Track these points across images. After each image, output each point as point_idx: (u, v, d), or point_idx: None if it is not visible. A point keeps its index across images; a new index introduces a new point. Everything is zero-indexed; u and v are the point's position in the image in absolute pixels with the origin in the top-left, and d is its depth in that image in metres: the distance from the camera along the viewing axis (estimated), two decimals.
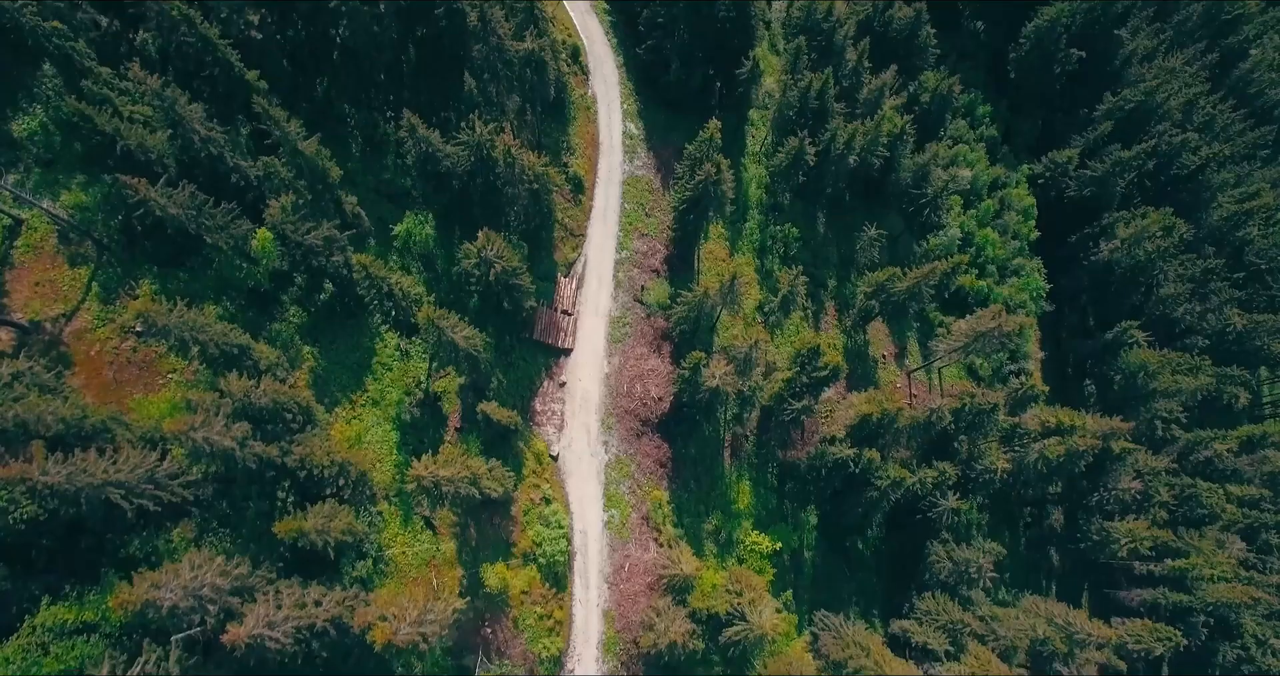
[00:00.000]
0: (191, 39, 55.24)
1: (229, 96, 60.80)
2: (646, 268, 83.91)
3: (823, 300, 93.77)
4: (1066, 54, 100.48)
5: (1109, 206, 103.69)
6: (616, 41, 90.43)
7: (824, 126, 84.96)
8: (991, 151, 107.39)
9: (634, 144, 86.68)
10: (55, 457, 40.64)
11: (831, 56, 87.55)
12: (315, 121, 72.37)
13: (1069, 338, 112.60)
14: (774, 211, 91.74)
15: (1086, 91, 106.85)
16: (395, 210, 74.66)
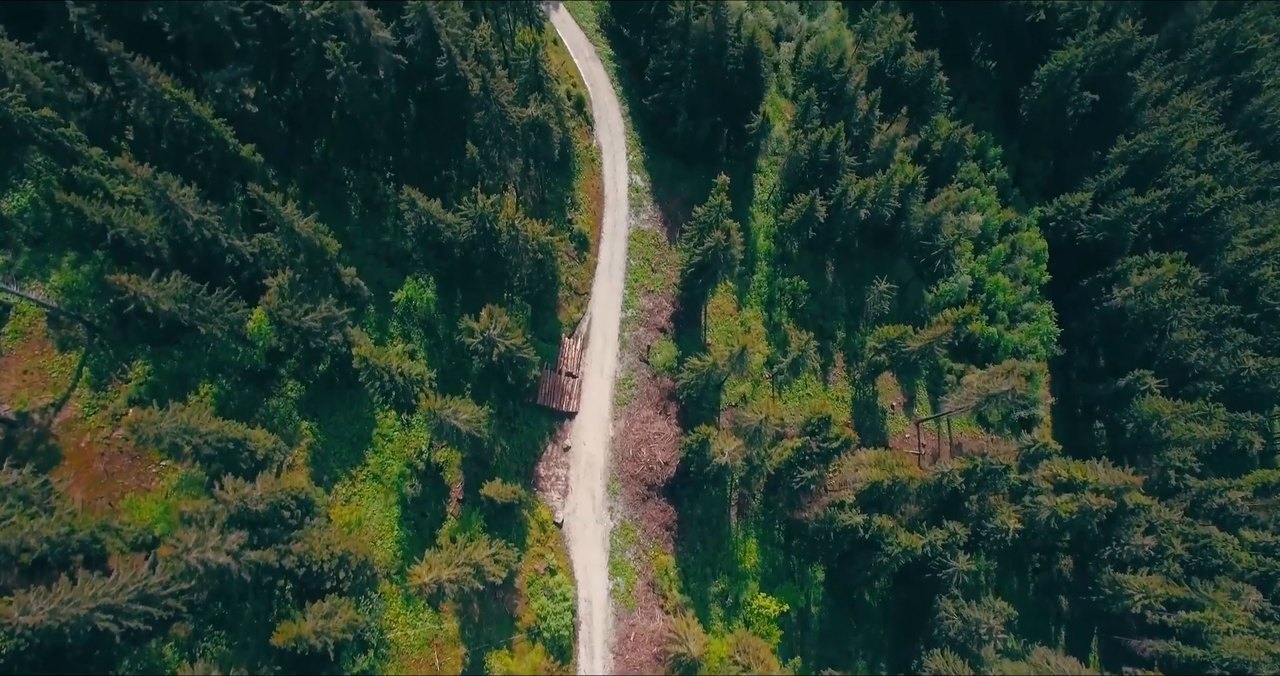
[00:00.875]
0: (185, 119, 53.27)
1: (224, 170, 58.97)
2: (652, 325, 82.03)
3: (831, 352, 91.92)
4: (1080, 97, 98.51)
5: (1122, 250, 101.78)
6: (622, 89, 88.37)
7: (835, 180, 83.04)
8: (1002, 194, 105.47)
9: (640, 197, 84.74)
10: (37, 591, 38.74)
11: (843, 107, 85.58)
12: (312, 184, 71.09)
13: (1079, 380, 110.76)
14: (782, 262, 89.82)
15: (1099, 132, 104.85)
16: (395, 273, 72.82)
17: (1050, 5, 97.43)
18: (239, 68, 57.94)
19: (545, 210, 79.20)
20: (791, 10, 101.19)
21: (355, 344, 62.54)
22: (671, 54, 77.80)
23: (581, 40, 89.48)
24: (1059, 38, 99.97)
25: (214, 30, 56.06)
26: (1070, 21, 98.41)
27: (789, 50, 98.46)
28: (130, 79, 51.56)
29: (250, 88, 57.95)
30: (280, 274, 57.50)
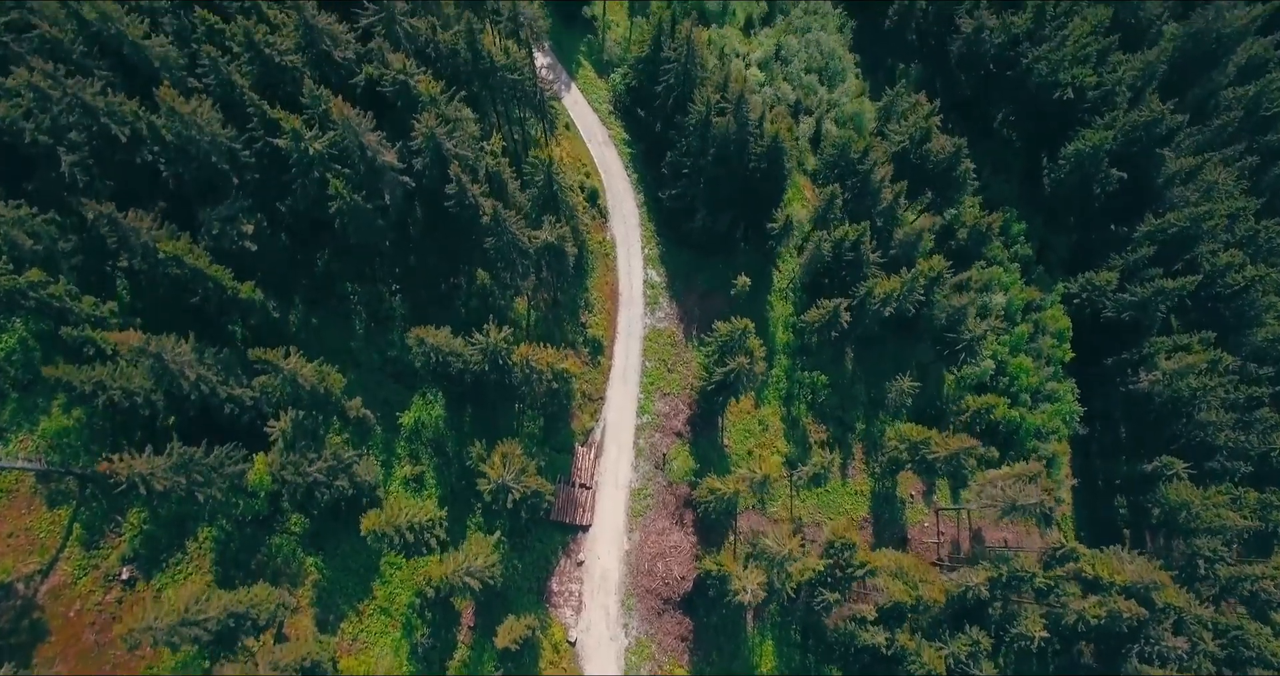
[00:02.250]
0: (180, 271, 50.07)
1: (222, 310, 55.72)
2: (669, 430, 78.96)
3: (850, 444, 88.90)
4: (1107, 174, 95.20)
5: (1149, 330, 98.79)
6: (636, 177, 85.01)
7: (858, 274, 79.91)
8: (1025, 270, 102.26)
9: (656, 293, 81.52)
10: None
11: (866, 198, 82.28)
12: (315, 299, 68.13)
13: (1101, 458, 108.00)
14: (801, 354, 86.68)
15: (1126, 207, 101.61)
16: (402, 390, 69.70)
17: (1078, 83, 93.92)
18: (237, 202, 54.65)
19: (558, 313, 76.03)
20: (811, 82, 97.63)
21: (362, 478, 59.81)
22: (690, 151, 74.49)
23: (594, 123, 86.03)
24: (1086, 114, 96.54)
25: (211, 168, 52.74)
26: (1098, 99, 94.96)
27: (809, 125, 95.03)
28: (122, 235, 48.34)
29: (249, 223, 54.59)
30: (283, 417, 54.58)
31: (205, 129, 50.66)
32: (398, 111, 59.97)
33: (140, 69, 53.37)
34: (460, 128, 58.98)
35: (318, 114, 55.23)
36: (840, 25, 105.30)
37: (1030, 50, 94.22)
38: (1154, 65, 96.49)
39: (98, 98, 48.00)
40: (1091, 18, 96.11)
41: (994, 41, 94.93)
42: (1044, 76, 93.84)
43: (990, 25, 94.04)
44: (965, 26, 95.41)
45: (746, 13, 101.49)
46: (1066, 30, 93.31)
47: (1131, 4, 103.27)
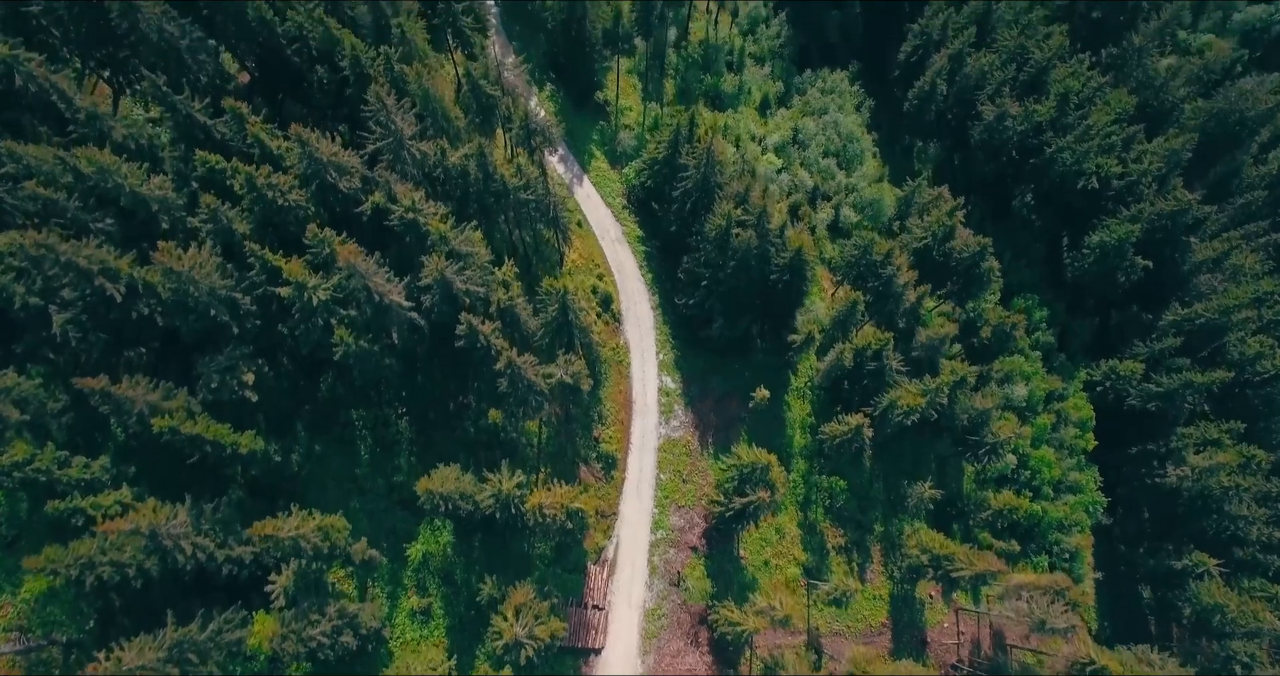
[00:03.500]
0: (177, 438, 47.30)
1: (220, 463, 52.87)
2: (683, 545, 75.91)
3: (868, 546, 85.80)
4: (1132, 263, 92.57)
5: (1175, 421, 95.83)
6: (651, 277, 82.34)
7: (881, 384, 77.16)
8: (1047, 357, 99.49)
9: (670, 401, 78.67)
10: None
11: (888, 300, 79.61)
12: (319, 426, 65.30)
13: (1125, 544, 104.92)
14: (819, 457, 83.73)
15: (1150, 291, 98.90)
16: (409, 518, 66.71)
17: (1103, 173, 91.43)
18: (237, 349, 51.86)
19: (571, 427, 73.16)
20: (829, 166, 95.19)
21: (367, 625, 56.85)
22: (708, 261, 71.75)
23: (607, 219, 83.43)
24: (1110, 203, 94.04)
25: (209, 320, 50.04)
26: (1123, 189, 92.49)
27: (827, 213, 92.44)
28: (115, 404, 45.50)
29: (249, 371, 51.78)
30: (285, 570, 51.78)
31: (203, 283, 47.97)
32: (406, 245, 57.31)
33: (138, 212, 50.77)
34: (471, 263, 56.27)
35: (322, 257, 52.57)
36: (858, 104, 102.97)
37: (1054, 139, 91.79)
38: (1178, 152, 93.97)
39: (92, 262, 45.26)
40: (1115, 104, 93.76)
41: (1016, 129, 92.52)
42: (1068, 165, 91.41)
43: (1013, 113, 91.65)
44: (987, 113, 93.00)
45: (763, 92, 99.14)
46: (1090, 120, 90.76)
47: (1154, 87, 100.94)
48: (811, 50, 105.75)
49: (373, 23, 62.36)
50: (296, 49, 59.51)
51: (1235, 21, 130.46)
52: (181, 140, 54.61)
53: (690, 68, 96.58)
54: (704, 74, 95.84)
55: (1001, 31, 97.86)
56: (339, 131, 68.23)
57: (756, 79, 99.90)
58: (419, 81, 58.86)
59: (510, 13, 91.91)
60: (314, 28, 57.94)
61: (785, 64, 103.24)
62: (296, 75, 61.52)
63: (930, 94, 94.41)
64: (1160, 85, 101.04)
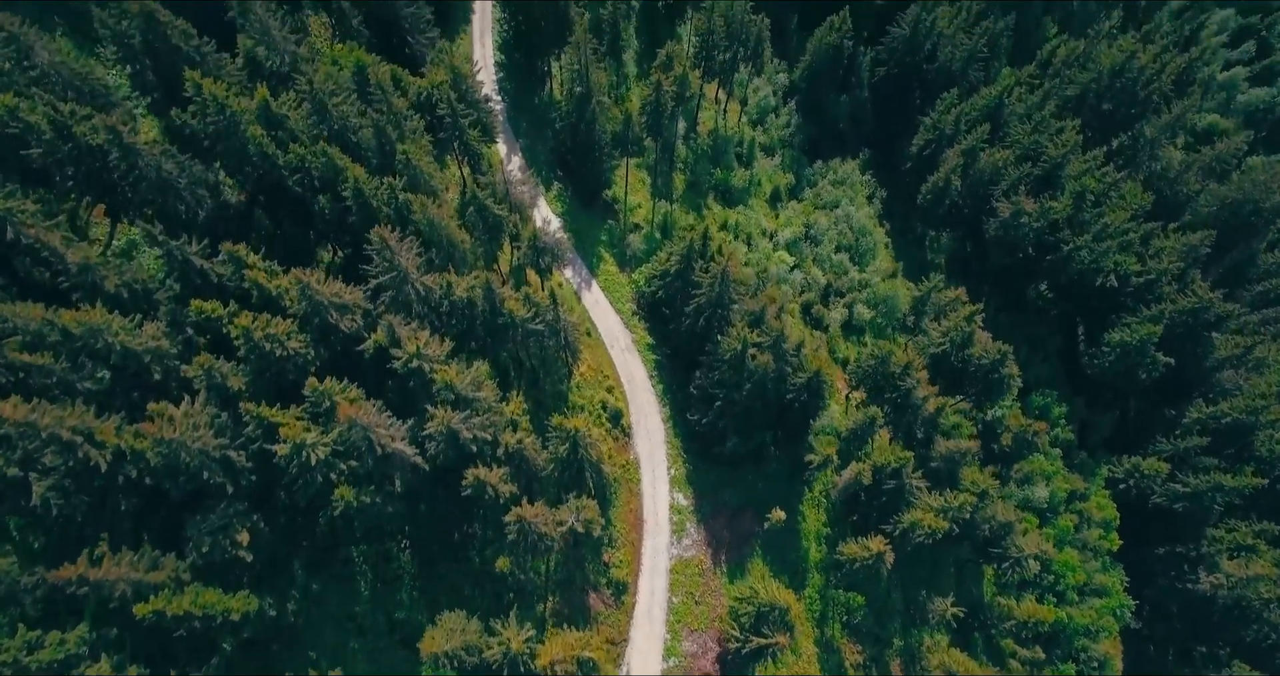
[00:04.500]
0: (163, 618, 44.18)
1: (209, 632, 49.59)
2: (697, 671, 72.15)
3: (887, 661, 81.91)
4: (1153, 360, 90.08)
5: (1205, 521, 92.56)
6: (662, 388, 79.67)
7: (901, 501, 74.20)
8: (1067, 454, 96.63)
9: (682, 518, 75.49)
10: None
11: (907, 410, 77.00)
12: (317, 563, 61.92)
13: (1155, 646, 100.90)
14: (835, 570, 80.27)
15: (1172, 386, 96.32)
16: (410, 657, 62.88)
17: (1122, 271, 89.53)
18: (231, 507, 48.99)
19: (580, 553, 69.86)
20: (842, 262, 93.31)
21: None
22: (722, 381, 69.18)
23: (616, 326, 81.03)
24: (1129, 299, 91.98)
25: (201, 482, 47.27)
26: (1142, 286, 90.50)
27: (841, 313, 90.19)
28: (95, 588, 42.51)
29: (243, 531, 48.82)
30: None
31: (195, 446, 45.31)
32: (409, 387, 54.78)
33: (129, 365, 48.29)
34: (477, 407, 53.69)
35: (323, 409, 50.01)
36: (870, 195, 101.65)
37: (1071, 237, 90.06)
38: (1196, 248, 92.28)
39: (76, 432, 42.64)
40: (1131, 200, 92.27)
41: (1032, 226, 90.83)
42: (1085, 263, 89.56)
43: (1028, 210, 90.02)
44: (1003, 211, 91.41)
45: (773, 184, 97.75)
46: (1107, 218, 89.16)
47: (1169, 179, 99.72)
48: (822, 140, 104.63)
49: (376, 146, 60.64)
50: (298, 179, 57.60)
51: (1239, 103, 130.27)
52: (178, 280, 52.39)
53: (700, 159, 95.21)
54: (714, 167, 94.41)
55: (1013, 126, 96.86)
56: (341, 251, 66.38)
57: (767, 170, 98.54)
58: (424, 211, 56.90)
59: (517, 107, 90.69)
60: (315, 159, 56.12)
61: (795, 153, 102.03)
62: (298, 202, 59.54)
63: (944, 190, 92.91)
64: (1175, 178, 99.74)
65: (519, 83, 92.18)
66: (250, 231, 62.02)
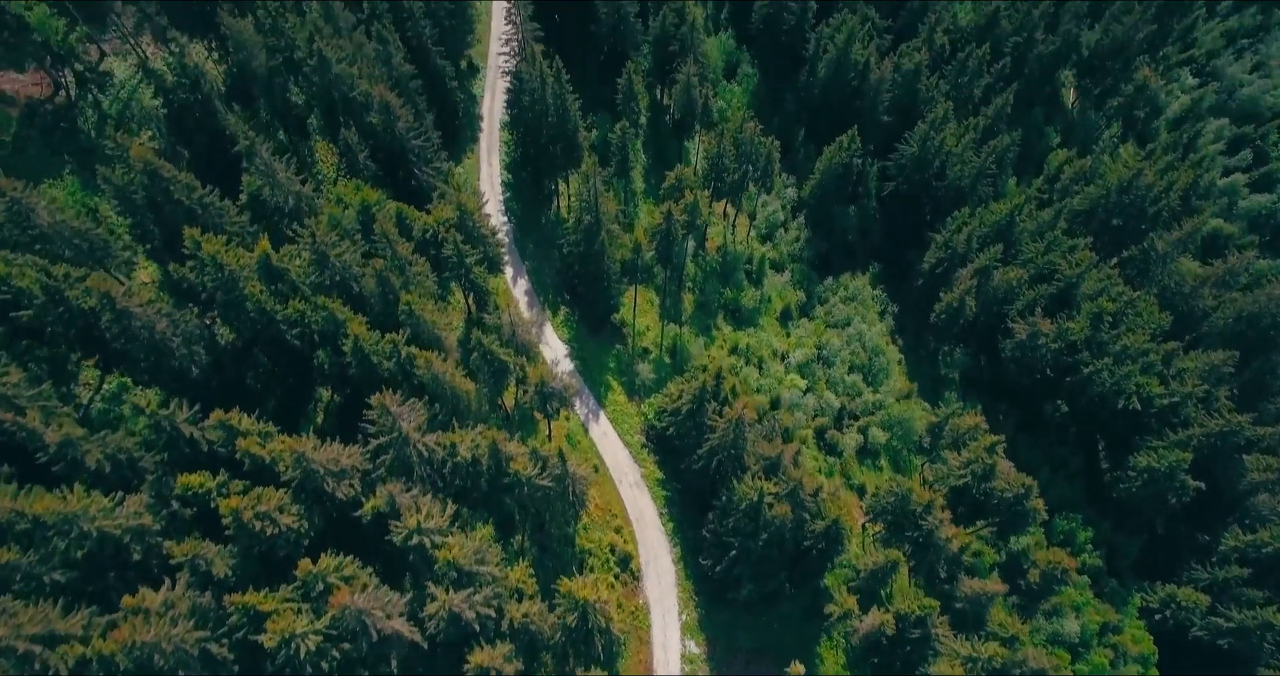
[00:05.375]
0: None
1: None
2: None
3: None
4: (1183, 484, 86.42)
5: (1256, 659, 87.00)
6: (672, 526, 75.93)
7: (926, 650, 69.49)
8: (1095, 580, 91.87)
9: (694, 668, 70.57)
10: None
11: (929, 549, 73.00)
12: None
13: None
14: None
15: (1203, 509, 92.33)
16: None
17: (1144, 393, 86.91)
18: None
19: None
20: (855, 383, 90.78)
21: None
22: (739, 529, 65.50)
23: (625, 460, 77.80)
24: (1154, 421, 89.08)
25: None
26: (1166, 409, 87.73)
27: (855, 438, 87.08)
28: None
29: None
30: None
31: (171, 646, 41.41)
32: (409, 559, 51.15)
33: (105, 547, 44.84)
34: (480, 582, 49.99)
35: (316, 591, 46.32)
36: (881, 311, 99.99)
37: (1090, 359, 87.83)
38: (1219, 369, 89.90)
39: (35, 641, 38.90)
40: (1149, 320, 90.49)
41: (1050, 347, 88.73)
42: (1106, 385, 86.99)
43: (1045, 331, 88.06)
44: (1019, 332, 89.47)
45: (784, 302, 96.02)
46: (1126, 340, 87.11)
47: (1183, 293, 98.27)
48: (831, 253, 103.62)
49: (379, 295, 58.66)
50: (298, 333, 55.36)
51: (1241, 208, 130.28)
52: (165, 447, 49.44)
53: (709, 277, 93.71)
54: (723, 287, 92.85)
55: (1025, 244, 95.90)
56: (339, 395, 63.77)
57: (776, 287, 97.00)
58: (428, 367, 54.42)
59: (523, 227, 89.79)
60: (315, 314, 54.00)
61: (805, 268, 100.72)
62: (296, 354, 57.18)
63: (959, 310, 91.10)
64: (1190, 292, 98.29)
65: (526, 202, 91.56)
66: (245, 382, 59.55)
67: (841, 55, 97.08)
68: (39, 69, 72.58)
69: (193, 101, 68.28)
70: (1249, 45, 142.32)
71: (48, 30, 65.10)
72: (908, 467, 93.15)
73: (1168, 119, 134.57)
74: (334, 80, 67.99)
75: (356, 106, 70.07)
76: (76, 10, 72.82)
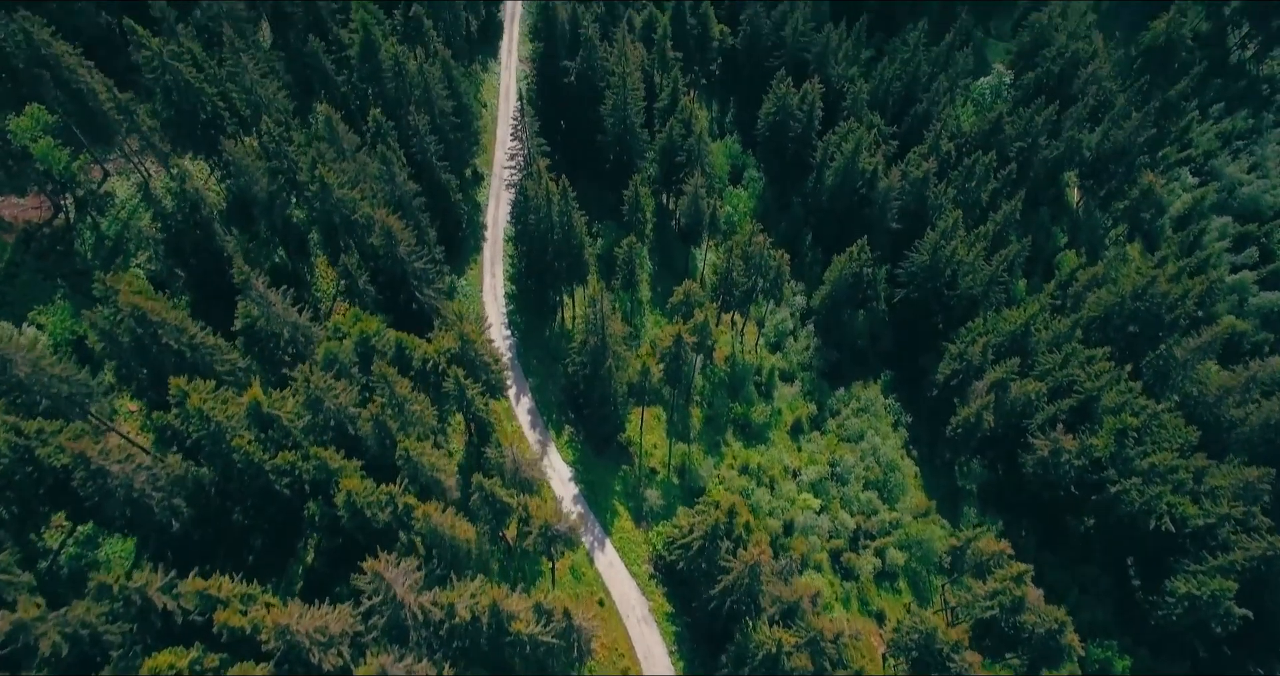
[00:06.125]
0: None
1: None
2: None
3: None
4: (1228, 611, 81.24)
5: None
6: (683, 666, 70.67)
7: None
8: None
9: None
10: None
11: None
12: None
13: None
14: None
15: (1251, 636, 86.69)
16: None
17: (1177, 514, 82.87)
18: None
19: None
20: (870, 500, 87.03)
21: None
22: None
23: (632, 592, 73.11)
24: (1188, 541, 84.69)
25: None
26: (1202, 530, 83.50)
27: (872, 562, 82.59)
28: None
29: None
30: None
31: None
32: None
33: None
34: None
35: None
36: (895, 422, 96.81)
37: (1117, 477, 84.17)
38: (1254, 486, 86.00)
39: None
40: (1176, 436, 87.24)
41: (1073, 464, 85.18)
42: (1135, 505, 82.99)
43: (1068, 448, 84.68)
44: (1040, 448, 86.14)
45: (795, 414, 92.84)
46: (1153, 458, 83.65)
47: (1207, 403, 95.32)
48: (842, 360, 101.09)
49: (376, 438, 55.58)
50: (289, 483, 51.99)
51: (1251, 304, 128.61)
52: (134, 618, 45.35)
53: (718, 390, 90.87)
54: (732, 401, 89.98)
55: (1041, 355, 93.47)
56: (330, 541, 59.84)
57: (787, 398, 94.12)
58: (425, 520, 50.85)
59: (527, 341, 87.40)
60: (306, 464, 50.77)
61: (815, 377, 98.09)
62: (286, 503, 53.63)
63: (976, 425, 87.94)
64: (1214, 403, 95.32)
65: (530, 314, 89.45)
66: (230, 522, 55.82)
67: (849, 164, 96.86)
68: (40, 192, 71.47)
69: (191, 223, 66.96)
70: (1244, 146, 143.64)
71: (51, 160, 64.14)
72: (928, 589, 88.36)
73: (1171, 217, 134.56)
74: (335, 205, 66.61)
75: (358, 229, 68.60)
76: (83, 134, 72.22)
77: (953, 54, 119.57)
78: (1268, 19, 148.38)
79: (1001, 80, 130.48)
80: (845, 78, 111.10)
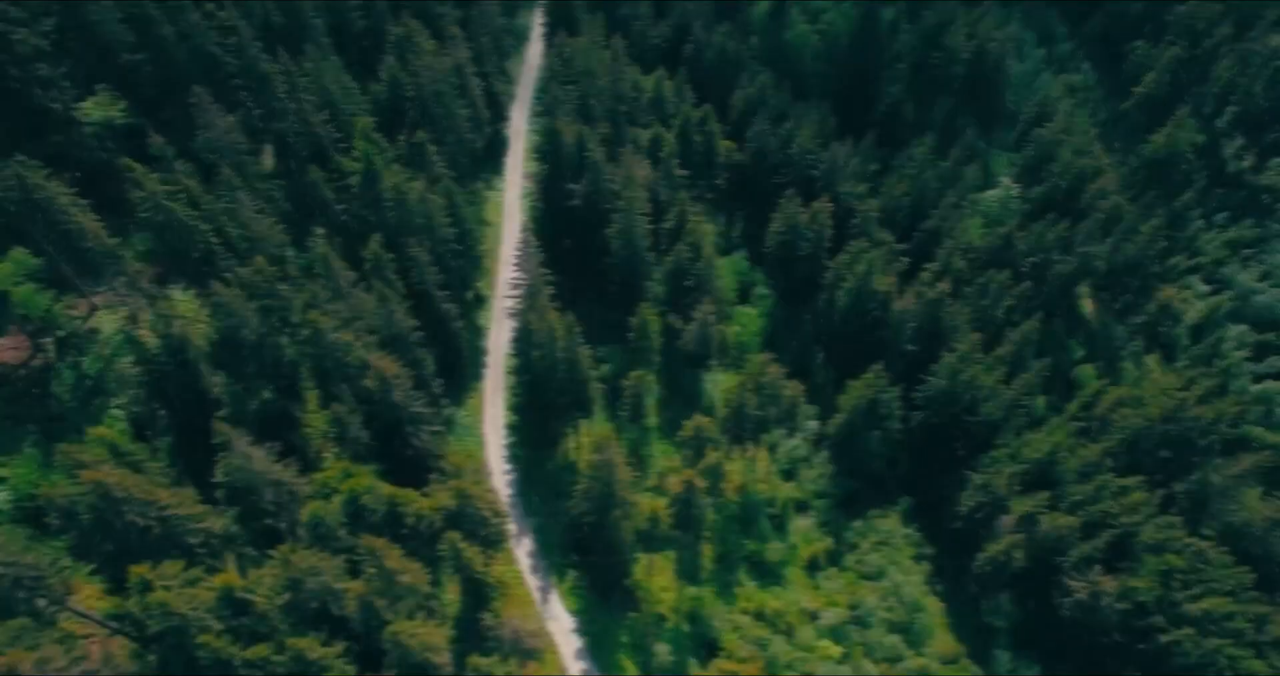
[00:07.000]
0: None
1: None
2: None
3: None
4: None
5: None
6: None
7: None
8: None
9: None
10: None
11: None
12: None
13: None
14: None
15: None
16: None
17: (1242, 668, 75.97)
18: None
19: None
20: (895, 645, 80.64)
21: None
22: None
23: None
24: None
25: None
26: None
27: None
28: None
29: None
30: None
31: None
32: None
33: None
34: None
35: None
36: (915, 554, 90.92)
37: (1166, 624, 77.79)
38: None
39: None
40: (1227, 578, 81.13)
41: (1115, 608, 78.93)
42: (1192, 657, 76.30)
43: (1108, 591, 78.66)
44: (1078, 591, 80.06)
45: (811, 549, 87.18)
46: (1204, 603, 77.53)
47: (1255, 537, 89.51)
48: (858, 486, 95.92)
49: (361, 619, 50.23)
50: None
51: (1278, 416, 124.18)
52: None
53: (728, 523, 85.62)
54: (745, 537, 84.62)
55: (1071, 486, 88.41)
56: None
57: (802, 531, 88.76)
58: None
59: (529, 477, 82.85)
60: (281, 657, 45.33)
61: (831, 506, 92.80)
62: None
63: (1005, 563, 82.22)
64: (1262, 535, 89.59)
65: (532, 446, 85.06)
66: None
67: (862, 286, 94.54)
68: (20, 332, 68.39)
69: (174, 366, 63.67)
70: (1253, 254, 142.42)
71: (30, 307, 61.38)
72: None
73: (1187, 326, 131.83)
74: (328, 348, 63.33)
75: (351, 371, 65.11)
76: (69, 267, 69.78)
77: (960, 169, 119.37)
78: (1261, 131, 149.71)
79: (1009, 192, 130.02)
80: (854, 195, 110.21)
